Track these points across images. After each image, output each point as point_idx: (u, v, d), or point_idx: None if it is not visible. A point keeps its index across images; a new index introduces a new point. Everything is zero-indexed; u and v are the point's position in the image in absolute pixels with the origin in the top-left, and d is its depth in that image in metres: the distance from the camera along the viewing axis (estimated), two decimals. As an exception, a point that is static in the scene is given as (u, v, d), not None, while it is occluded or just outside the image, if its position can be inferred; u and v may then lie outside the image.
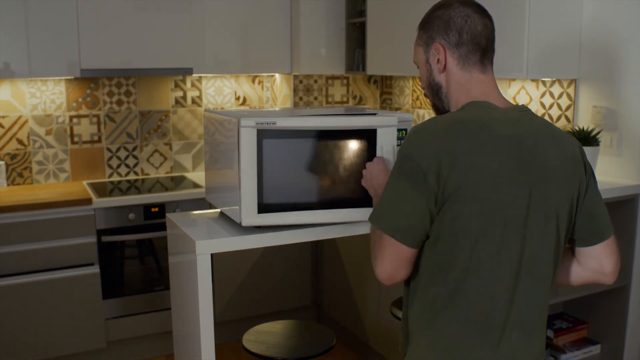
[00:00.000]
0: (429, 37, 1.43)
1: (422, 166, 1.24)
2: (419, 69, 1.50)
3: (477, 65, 1.40)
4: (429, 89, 1.47)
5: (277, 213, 1.84)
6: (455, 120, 1.30)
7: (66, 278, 2.98)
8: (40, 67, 3.03)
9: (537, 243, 1.30)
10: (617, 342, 2.50)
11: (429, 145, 1.26)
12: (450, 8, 1.40)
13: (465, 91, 1.40)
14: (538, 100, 2.79)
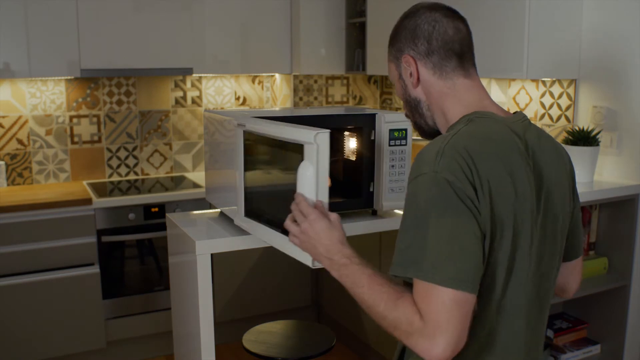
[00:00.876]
0: (398, 49, 1.31)
1: (466, 191, 1.06)
2: (395, 87, 1.37)
3: (457, 71, 1.27)
4: (407, 106, 1.34)
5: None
6: (483, 136, 1.15)
7: (66, 278, 2.98)
8: (40, 67, 3.03)
9: (549, 262, 1.24)
10: (617, 342, 2.50)
11: (464, 165, 1.08)
12: (416, 16, 1.29)
13: (453, 99, 1.27)
14: (538, 100, 2.79)
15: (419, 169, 1.11)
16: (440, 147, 1.11)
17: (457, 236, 1.04)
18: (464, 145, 1.11)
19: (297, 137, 1.43)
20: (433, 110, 1.30)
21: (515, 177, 1.12)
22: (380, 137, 1.93)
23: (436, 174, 1.07)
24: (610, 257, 2.51)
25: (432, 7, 1.29)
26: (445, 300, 1.02)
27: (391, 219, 1.98)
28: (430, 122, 1.32)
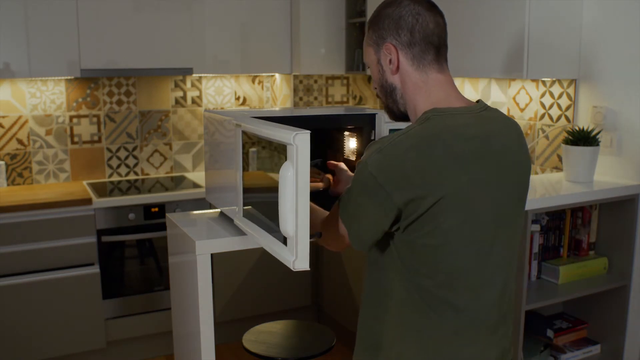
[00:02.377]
0: (379, 36, 1.36)
1: (387, 188, 1.22)
2: (370, 69, 1.44)
3: (432, 64, 1.34)
4: (382, 90, 1.41)
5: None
6: (431, 136, 1.23)
7: (66, 278, 2.98)
8: (40, 67, 3.03)
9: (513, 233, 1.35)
10: (617, 342, 2.50)
11: (397, 166, 1.21)
12: (400, 6, 1.34)
13: (424, 94, 1.34)
14: (538, 100, 2.79)
15: (366, 154, 1.27)
16: (383, 144, 1.25)
17: (365, 212, 1.28)
18: (406, 146, 1.23)
19: (279, 138, 1.42)
20: (405, 99, 1.38)
21: (461, 174, 1.22)
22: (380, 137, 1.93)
23: (366, 165, 1.24)
24: (610, 257, 2.51)
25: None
26: (341, 233, 1.38)
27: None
28: (402, 109, 1.40)
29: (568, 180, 2.45)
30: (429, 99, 1.33)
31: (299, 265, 1.37)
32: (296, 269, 1.38)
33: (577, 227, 2.53)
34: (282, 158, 1.41)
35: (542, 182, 2.50)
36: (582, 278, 2.44)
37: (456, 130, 1.25)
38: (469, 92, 3.16)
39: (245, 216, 1.73)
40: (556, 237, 2.49)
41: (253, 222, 1.67)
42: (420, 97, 1.35)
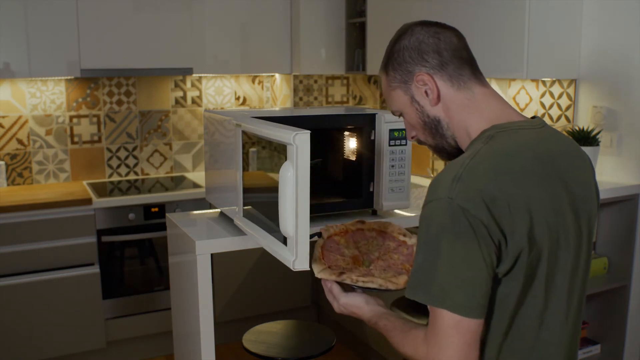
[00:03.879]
0: (405, 72, 1.22)
1: (484, 220, 1.03)
2: (404, 115, 1.27)
3: (472, 79, 1.21)
4: (426, 129, 1.24)
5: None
6: (503, 154, 1.10)
7: (66, 278, 2.98)
8: (40, 67, 3.03)
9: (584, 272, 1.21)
10: (617, 342, 2.50)
11: (486, 192, 1.05)
12: (413, 33, 1.22)
13: (476, 112, 1.19)
14: (538, 100, 2.79)
15: (434, 193, 1.08)
16: (457, 172, 1.07)
17: (468, 264, 1.03)
18: (483, 169, 1.07)
19: (279, 138, 1.42)
20: (453, 127, 1.22)
21: (541, 193, 1.10)
22: (380, 137, 1.93)
23: (451, 200, 1.04)
24: (610, 257, 2.51)
25: (422, 23, 1.24)
26: (451, 326, 1.04)
27: (391, 219, 1.98)
28: (452, 142, 1.24)
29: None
30: (483, 116, 1.19)
31: (299, 265, 1.37)
32: (296, 269, 1.38)
33: (577, 227, 2.53)
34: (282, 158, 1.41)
35: (542, 182, 2.50)
36: (582, 278, 2.44)
37: (527, 146, 1.13)
38: (469, 92, 3.16)
39: (245, 216, 1.73)
40: (556, 237, 2.49)
41: (253, 222, 1.67)
42: (471, 117, 1.20)
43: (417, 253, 1.10)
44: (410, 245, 1.50)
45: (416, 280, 1.08)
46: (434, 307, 1.06)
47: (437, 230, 1.05)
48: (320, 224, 1.89)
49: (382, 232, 1.55)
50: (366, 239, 1.53)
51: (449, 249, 1.04)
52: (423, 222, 1.09)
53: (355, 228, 1.55)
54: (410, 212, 2.02)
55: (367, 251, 1.49)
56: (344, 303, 1.35)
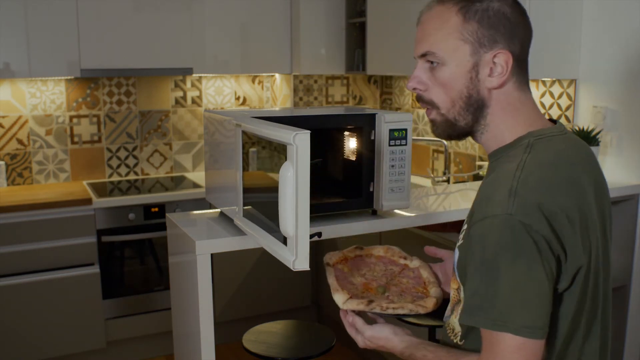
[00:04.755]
0: (490, 37, 1.08)
1: (546, 236, 0.98)
2: (440, 68, 1.11)
3: (527, 84, 1.15)
4: (459, 101, 1.12)
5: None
6: (550, 165, 1.06)
7: (66, 278, 2.98)
8: (40, 67, 3.03)
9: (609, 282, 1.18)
10: (617, 342, 2.50)
11: (544, 205, 0.99)
12: (515, 5, 1.11)
13: (521, 117, 1.13)
14: (538, 100, 2.79)
15: (487, 210, 1.01)
16: (512, 185, 1.01)
17: (531, 282, 0.97)
18: (535, 182, 1.01)
19: (279, 138, 1.41)
20: (492, 120, 1.13)
21: (587, 203, 1.07)
22: (380, 137, 1.93)
23: (510, 216, 0.98)
24: (610, 257, 2.51)
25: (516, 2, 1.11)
26: (514, 349, 0.98)
27: (391, 219, 1.98)
28: (470, 127, 1.15)
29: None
30: (525, 122, 1.13)
31: (299, 265, 1.37)
32: (296, 269, 1.38)
33: (577, 227, 2.53)
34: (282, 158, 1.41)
35: (542, 182, 2.50)
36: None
37: (565, 156, 1.09)
38: (469, 92, 3.16)
39: (245, 216, 1.73)
40: (556, 237, 2.49)
41: (253, 222, 1.67)
42: (514, 120, 1.12)
43: (470, 275, 1.03)
44: (413, 268, 1.46)
45: (473, 304, 1.01)
46: (492, 332, 0.99)
47: (495, 250, 0.98)
48: (320, 224, 1.89)
49: (381, 257, 1.51)
50: (368, 266, 1.49)
51: (510, 268, 0.97)
52: (476, 243, 1.01)
53: (354, 255, 1.51)
54: (410, 212, 2.02)
55: (373, 278, 1.44)
56: (369, 336, 1.24)
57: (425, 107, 1.18)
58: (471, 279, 1.02)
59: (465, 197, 2.27)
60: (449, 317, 1.24)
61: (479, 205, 1.03)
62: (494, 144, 1.15)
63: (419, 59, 1.15)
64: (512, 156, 1.09)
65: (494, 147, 1.15)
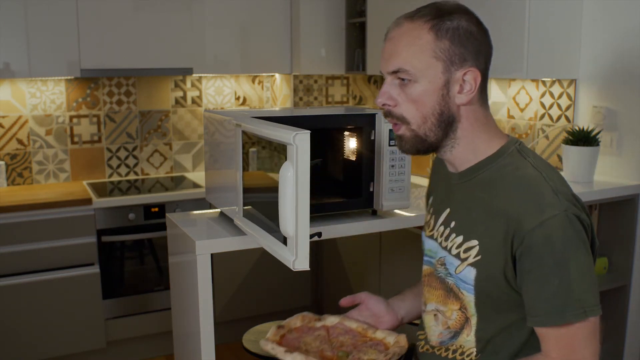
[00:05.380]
0: (461, 55, 1.12)
1: (589, 222, 1.12)
2: (413, 84, 1.14)
3: (487, 99, 1.21)
4: (435, 120, 1.15)
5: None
6: (551, 166, 1.19)
7: (66, 278, 2.97)
8: (40, 67, 3.03)
9: None
10: (617, 342, 2.50)
11: (576, 198, 1.14)
12: (480, 25, 1.15)
13: (491, 132, 1.20)
14: (538, 100, 2.79)
15: (544, 212, 1.07)
16: (551, 186, 1.10)
17: (591, 267, 1.09)
18: (560, 178, 1.14)
19: (279, 138, 1.42)
20: (460, 136, 1.18)
21: None
22: (380, 137, 1.93)
23: (566, 212, 1.07)
24: (610, 257, 2.51)
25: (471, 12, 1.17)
26: (592, 331, 1.08)
27: (391, 219, 1.98)
28: (439, 143, 1.19)
29: (568, 180, 2.45)
30: (496, 134, 1.21)
31: (299, 265, 1.37)
32: (296, 269, 1.38)
33: (577, 227, 2.53)
34: (282, 158, 1.41)
35: (542, 182, 2.50)
36: (582, 278, 2.44)
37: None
38: (469, 92, 3.16)
39: (245, 216, 1.73)
40: (556, 237, 2.49)
41: (253, 222, 1.67)
42: (487, 133, 1.19)
43: (547, 277, 1.07)
44: (335, 325, 1.50)
45: (556, 305, 1.07)
46: (570, 325, 1.07)
47: (563, 246, 1.06)
48: (320, 224, 1.89)
49: (300, 328, 1.52)
50: (298, 342, 1.49)
51: (578, 259, 1.07)
52: (542, 246, 1.07)
53: (280, 336, 1.49)
54: (410, 212, 2.02)
55: (318, 349, 1.43)
56: None
57: (394, 123, 1.21)
58: (546, 282, 1.08)
59: (465, 197, 2.26)
60: (451, 340, 1.25)
61: (528, 212, 1.08)
62: (470, 157, 1.20)
63: (389, 75, 1.21)
64: (508, 164, 1.16)
65: (470, 159, 1.21)
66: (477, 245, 1.17)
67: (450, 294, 1.24)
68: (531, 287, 1.10)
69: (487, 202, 1.17)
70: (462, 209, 1.23)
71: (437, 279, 1.28)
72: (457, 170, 1.25)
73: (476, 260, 1.17)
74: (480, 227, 1.17)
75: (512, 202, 1.12)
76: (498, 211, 1.13)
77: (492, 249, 1.14)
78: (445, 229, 1.27)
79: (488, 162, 1.18)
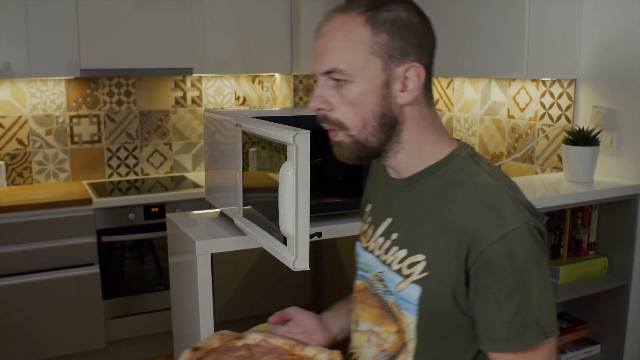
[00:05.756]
0: (402, 50, 1.00)
1: (545, 233, 1.02)
2: (353, 86, 1.01)
3: (432, 97, 1.07)
4: (376, 123, 1.02)
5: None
6: (502, 172, 1.08)
7: (66, 278, 2.97)
8: (40, 67, 3.03)
9: None
10: (617, 342, 2.50)
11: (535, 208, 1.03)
12: (422, 16, 1.03)
13: (439, 133, 1.07)
14: (538, 100, 2.79)
15: (506, 224, 0.95)
16: (509, 195, 0.98)
17: (549, 284, 0.99)
18: (516, 186, 1.03)
19: (279, 138, 1.41)
20: (405, 139, 1.05)
21: None
22: (380, 137, 1.93)
23: (528, 225, 0.96)
24: (610, 257, 2.51)
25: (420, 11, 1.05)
26: (550, 352, 1.00)
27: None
28: (381, 149, 1.06)
29: (568, 180, 2.45)
30: (444, 136, 1.08)
31: (299, 265, 1.37)
32: (296, 269, 1.38)
33: (577, 227, 2.53)
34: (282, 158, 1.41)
35: (542, 182, 2.50)
36: (582, 278, 2.44)
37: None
38: (469, 92, 3.16)
39: (245, 216, 1.73)
40: (556, 237, 2.49)
41: (253, 222, 1.67)
42: (434, 135, 1.07)
43: (508, 297, 0.96)
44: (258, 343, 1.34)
45: (516, 327, 0.97)
46: (529, 348, 0.97)
47: (524, 263, 0.95)
48: (320, 224, 1.89)
49: (217, 349, 1.31)
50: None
51: (538, 275, 0.96)
52: (505, 261, 0.95)
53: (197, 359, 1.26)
54: (410, 212, 2.02)
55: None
56: None
57: (331, 129, 1.08)
58: (505, 305, 0.96)
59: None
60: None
61: (486, 224, 0.96)
62: (417, 162, 1.07)
63: (322, 75, 1.05)
64: (461, 170, 1.04)
65: (417, 164, 1.07)
66: (424, 261, 1.04)
67: (388, 313, 1.11)
68: (488, 309, 0.97)
69: (437, 212, 1.03)
70: (407, 219, 1.09)
71: (374, 297, 1.16)
72: (401, 177, 1.11)
73: (422, 277, 1.04)
74: (428, 240, 1.03)
75: (467, 212, 0.98)
76: (450, 222, 1.00)
77: (441, 265, 1.01)
78: (385, 241, 1.13)
79: (437, 167, 1.05)
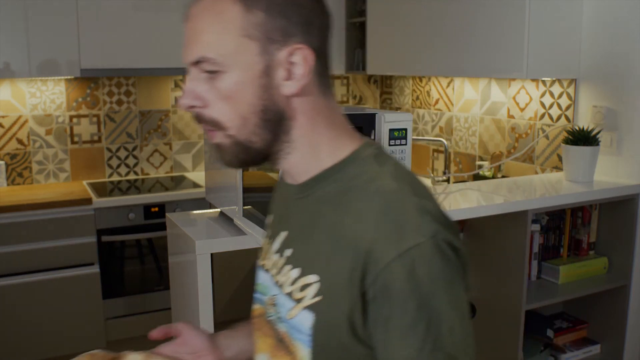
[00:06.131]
0: (283, 30, 0.81)
1: (462, 248, 0.81)
2: (227, 77, 0.82)
3: (331, 86, 0.89)
4: (257, 120, 0.83)
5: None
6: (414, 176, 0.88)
7: (66, 278, 2.98)
8: (40, 67, 3.03)
9: None
10: (617, 342, 2.50)
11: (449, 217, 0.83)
12: None
13: (336, 128, 0.89)
14: (538, 100, 2.79)
15: (407, 238, 0.77)
16: (416, 202, 0.80)
17: (465, 310, 0.80)
18: (426, 190, 0.84)
19: None
20: (296, 137, 0.86)
21: None
22: (380, 137, 1.93)
23: (435, 238, 0.77)
24: (610, 257, 2.51)
25: None
26: None
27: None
28: (267, 150, 0.87)
29: (568, 180, 2.45)
30: (346, 132, 0.90)
31: None
32: None
33: (577, 227, 2.53)
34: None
35: (542, 182, 2.50)
36: (582, 278, 2.44)
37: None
38: (469, 92, 3.16)
39: (245, 216, 1.74)
40: (556, 236, 2.49)
41: (253, 221, 1.67)
42: (332, 131, 0.88)
43: (411, 327, 0.77)
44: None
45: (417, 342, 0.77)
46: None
47: (431, 285, 0.77)
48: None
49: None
50: None
51: (448, 300, 0.78)
52: (406, 283, 0.76)
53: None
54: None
55: None
56: None
57: (208, 129, 0.87)
58: (408, 336, 0.77)
59: (465, 197, 2.27)
60: None
61: (382, 240, 0.78)
62: (311, 164, 0.88)
63: (192, 67, 0.85)
64: (360, 174, 0.86)
65: (312, 167, 0.89)
66: (317, 282, 0.84)
67: (281, 344, 0.91)
68: (388, 341, 0.78)
69: (331, 224, 0.84)
70: (302, 233, 0.90)
71: (267, 324, 0.95)
72: (296, 182, 0.92)
73: (314, 302, 0.84)
74: (322, 258, 0.84)
75: (361, 224, 0.80)
76: (344, 237, 0.81)
77: (335, 288, 0.81)
78: (279, 258, 0.93)
79: (334, 171, 0.87)
